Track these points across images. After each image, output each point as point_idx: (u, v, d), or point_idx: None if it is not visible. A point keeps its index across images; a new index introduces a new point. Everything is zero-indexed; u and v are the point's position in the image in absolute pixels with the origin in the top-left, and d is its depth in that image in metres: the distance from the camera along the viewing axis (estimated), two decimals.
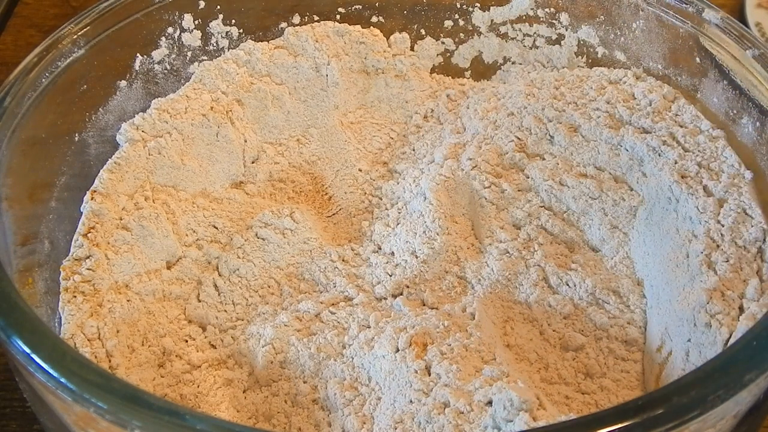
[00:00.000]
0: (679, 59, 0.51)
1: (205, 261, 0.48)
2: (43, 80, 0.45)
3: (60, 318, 0.42)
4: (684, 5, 0.49)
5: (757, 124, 0.46)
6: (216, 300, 0.46)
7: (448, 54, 0.59)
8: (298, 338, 0.42)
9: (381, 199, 0.51)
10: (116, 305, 0.43)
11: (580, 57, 0.56)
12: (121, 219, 0.46)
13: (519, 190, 0.49)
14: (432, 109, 0.56)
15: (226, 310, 0.46)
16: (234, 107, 0.53)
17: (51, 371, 0.31)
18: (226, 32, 0.55)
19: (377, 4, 0.57)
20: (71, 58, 0.47)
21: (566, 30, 0.56)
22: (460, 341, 0.40)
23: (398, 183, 0.51)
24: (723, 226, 0.43)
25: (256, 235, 0.48)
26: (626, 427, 0.28)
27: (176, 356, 0.43)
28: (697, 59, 0.50)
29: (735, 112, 0.47)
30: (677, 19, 0.50)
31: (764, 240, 0.42)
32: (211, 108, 0.52)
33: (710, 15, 0.48)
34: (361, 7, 0.57)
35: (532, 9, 0.56)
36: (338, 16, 0.57)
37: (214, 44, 0.55)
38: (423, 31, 0.58)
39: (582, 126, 0.50)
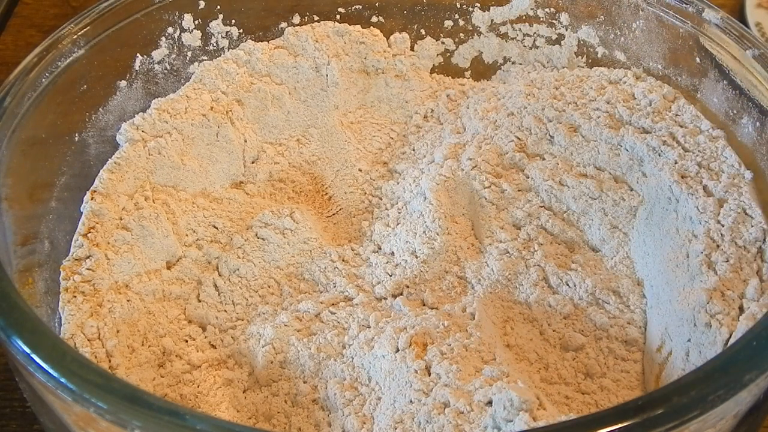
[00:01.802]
0: (679, 59, 0.51)
1: (205, 261, 0.48)
2: (43, 80, 0.45)
3: (60, 318, 0.42)
4: (684, 5, 0.49)
5: (757, 124, 0.46)
6: (216, 300, 0.46)
7: (448, 54, 0.59)
8: (298, 338, 0.42)
9: (381, 199, 0.51)
10: (116, 305, 0.43)
11: (580, 57, 0.56)
12: (121, 219, 0.46)
13: (519, 190, 0.49)
14: (432, 109, 0.56)
15: (226, 310, 0.46)
16: (234, 107, 0.53)
17: (51, 371, 0.31)
18: (226, 32, 0.55)
19: (377, 4, 0.57)
20: (71, 58, 0.47)
21: (566, 30, 0.56)
22: (460, 341, 0.40)
23: (398, 183, 0.51)
24: (723, 226, 0.43)
25: (256, 235, 0.48)
26: (626, 427, 0.28)
27: (176, 356, 0.43)
28: (697, 59, 0.50)
29: (735, 112, 0.47)
30: (677, 19, 0.50)
31: (764, 240, 0.42)
32: (211, 108, 0.52)
33: (710, 15, 0.48)
34: (361, 7, 0.57)
35: (532, 9, 0.56)
36: (338, 16, 0.57)
37: (214, 44, 0.55)
38: (423, 31, 0.58)
39: (582, 126, 0.50)
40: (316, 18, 0.57)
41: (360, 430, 0.38)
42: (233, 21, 0.55)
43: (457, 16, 0.58)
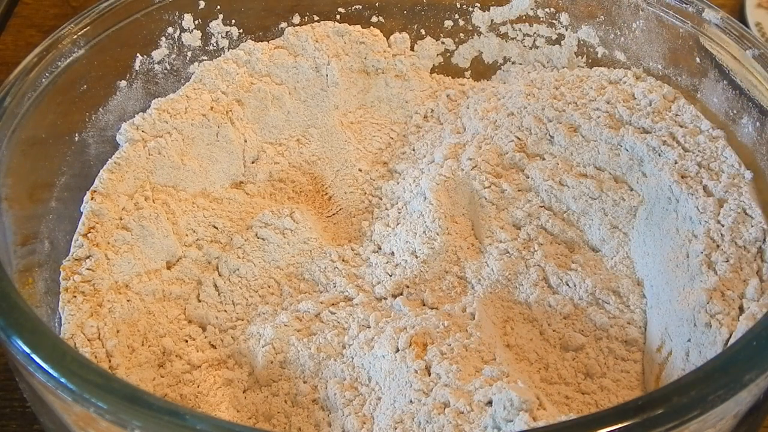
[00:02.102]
0: (679, 59, 0.51)
1: (205, 261, 0.48)
2: (43, 80, 0.45)
3: (60, 318, 0.42)
4: (684, 5, 0.49)
5: (757, 124, 0.46)
6: (216, 300, 0.46)
7: (448, 54, 0.59)
8: (298, 338, 0.42)
9: (381, 199, 0.51)
10: (116, 305, 0.43)
11: (580, 57, 0.56)
12: (121, 219, 0.46)
13: (519, 190, 0.49)
14: (432, 109, 0.56)
15: (226, 310, 0.46)
16: (234, 107, 0.53)
17: (51, 371, 0.31)
18: (226, 32, 0.55)
19: (377, 4, 0.57)
20: (71, 58, 0.47)
21: (566, 30, 0.56)
22: (460, 341, 0.40)
23: (398, 183, 0.51)
24: (723, 226, 0.43)
25: (256, 235, 0.48)
26: (626, 427, 0.28)
27: (176, 356, 0.43)
28: (697, 59, 0.50)
29: (735, 112, 0.47)
30: (677, 19, 0.50)
31: (764, 240, 0.42)
32: (211, 108, 0.52)
33: (710, 15, 0.48)
34: (361, 7, 0.57)
35: (532, 9, 0.57)
36: (338, 16, 0.57)
37: (214, 44, 0.55)
38: (423, 31, 0.58)
39: (582, 126, 0.50)
40: (316, 18, 0.57)
41: (360, 430, 0.38)
42: (233, 21, 0.55)
43: (457, 16, 0.58)
